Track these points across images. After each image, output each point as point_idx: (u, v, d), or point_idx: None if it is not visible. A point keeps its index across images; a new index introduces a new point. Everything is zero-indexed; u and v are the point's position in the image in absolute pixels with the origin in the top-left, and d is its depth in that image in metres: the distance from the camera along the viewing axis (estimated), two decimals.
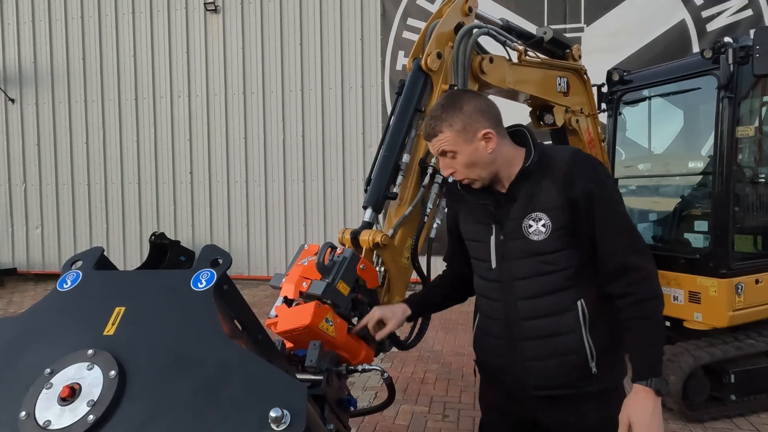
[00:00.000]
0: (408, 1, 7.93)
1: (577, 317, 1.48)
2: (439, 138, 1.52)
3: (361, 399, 3.90)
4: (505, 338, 1.57)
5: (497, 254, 1.56)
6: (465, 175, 1.55)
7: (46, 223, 9.34)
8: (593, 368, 1.49)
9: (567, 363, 1.50)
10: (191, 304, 0.93)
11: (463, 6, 2.44)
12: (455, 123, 1.49)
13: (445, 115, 1.51)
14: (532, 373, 1.53)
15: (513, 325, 1.55)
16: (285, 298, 1.66)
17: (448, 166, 1.55)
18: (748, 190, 3.96)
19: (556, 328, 1.50)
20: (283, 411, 0.76)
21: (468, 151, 1.50)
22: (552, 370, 1.51)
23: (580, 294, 1.49)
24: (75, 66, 9.07)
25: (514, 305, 1.54)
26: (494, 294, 1.59)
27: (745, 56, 3.55)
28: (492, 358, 1.64)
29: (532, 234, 1.49)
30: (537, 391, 1.54)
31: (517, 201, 1.52)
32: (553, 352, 1.50)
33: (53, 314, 0.99)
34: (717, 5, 7.09)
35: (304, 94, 8.36)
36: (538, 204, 1.49)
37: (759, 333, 3.78)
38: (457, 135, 1.50)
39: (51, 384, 0.86)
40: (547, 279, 1.49)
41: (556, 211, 1.47)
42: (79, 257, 1.07)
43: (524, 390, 1.56)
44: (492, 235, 1.57)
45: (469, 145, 1.50)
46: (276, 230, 8.57)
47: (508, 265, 1.54)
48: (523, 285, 1.52)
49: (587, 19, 7.45)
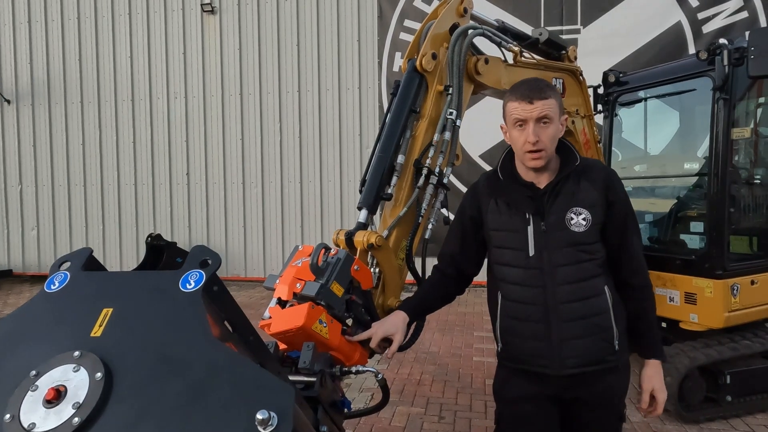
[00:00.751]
0: (405, 3, 7.94)
1: (606, 300, 1.68)
2: (547, 102, 1.64)
3: (357, 400, 3.89)
4: (543, 321, 1.68)
5: (536, 243, 1.68)
6: (545, 147, 1.65)
7: (42, 224, 9.31)
8: (616, 345, 1.69)
9: (600, 340, 1.67)
10: (179, 306, 0.92)
11: (459, 7, 2.44)
12: (557, 97, 1.69)
13: (549, 87, 1.68)
14: (571, 352, 1.66)
15: (553, 308, 1.67)
16: (279, 300, 1.65)
17: (536, 134, 1.64)
18: (743, 192, 3.97)
19: (593, 309, 1.67)
20: (270, 413, 0.75)
21: (557, 126, 1.68)
22: (588, 348, 1.67)
23: (606, 281, 1.70)
24: (71, 67, 9.05)
25: (554, 290, 1.67)
26: (532, 281, 1.70)
27: (740, 58, 3.56)
28: (527, 342, 1.73)
29: (573, 226, 1.66)
30: (574, 369, 1.67)
31: (560, 196, 1.69)
32: (590, 331, 1.67)
33: (40, 316, 0.98)
34: (713, 7, 7.12)
35: (301, 95, 8.36)
36: (579, 200, 1.68)
37: (755, 334, 3.78)
38: (559, 107, 1.68)
39: (36, 386, 0.85)
40: (585, 266, 1.67)
41: (596, 208, 1.67)
42: (67, 258, 1.06)
43: (562, 368, 1.68)
44: (530, 226, 1.69)
45: (558, 120, 1.68)
46: (273, 231, 8.56)
47: (549, 254, 1.67)
48: (564, 271, 1.67)
49: (584, 20, 7.47)
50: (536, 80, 1.73)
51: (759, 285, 3.78)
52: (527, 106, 1.65)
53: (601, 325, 1.67)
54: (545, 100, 1.63)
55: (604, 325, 1.68)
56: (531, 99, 1.64)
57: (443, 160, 2.23)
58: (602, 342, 1.68)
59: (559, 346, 1.67)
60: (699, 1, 7.16)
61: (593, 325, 1.67)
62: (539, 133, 1.64)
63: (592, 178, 1.70)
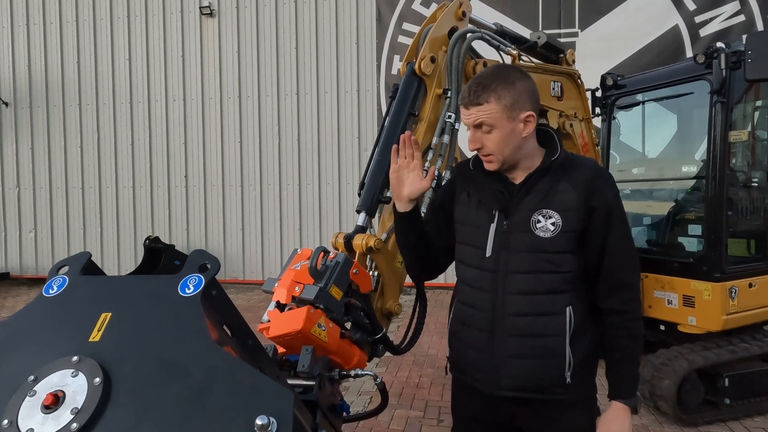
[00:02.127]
0: (404, 6, 7.95)
1: (563, 322, 1.46)
2: (482, 108, 1.44)
3: (356, 404, 3.88)
4: (487, 331, 1.51)
5: (496, 243, 1.50)
6: (491, 152, 1.48)
7: (40, 227, 9.28)
8: (568, 377, 1.46)
9: (545, 366, 1.47)
10: (178, 310, 0.91)
11: (457, 11, 2.45)
12: (504, 96, 1.43)
13: (495, 86, 1.43)
14: (509, 371, 1.48)
15: (498, 318, 1.49)
16: (277, 303, 1.65)
17: (477, 140, 1.48)
18: (741, 195, 3.99)
19: (543, 329, 1.46)
20: (269, 418, 0.75)
21: (506, 130, 1.45)
22: (529, 371, 1.47)
23: (570, 300, 1.47)
24: (69, 69, 9.04)
25: (504, 299, 1.48)
26: (484, 284, 1.53)
27: (737, 61, 3.58)
28: (468, 351, 1.58)
29: (539, 229, 1.46)
30: (509, 391, 1.49)
31: (531, 194, 1.48)
32: (534, 353, 1.47)
33: (38, 320, 0.97)
34: (710, 11, 7.15)
35: (300, 98, 8.36)
36: (553, 202, 1.46)
37: (753, 337, 3.79)
38: (503, 110, 1.43)
39: (35, 391, 0.84)
40: (546, 278, 1.46)
41: (570, 214, 1.44)
42: (65, 262, 1.06)
43: (496, 388, 1.50)
44: (493, 223, 1.52)
45: (509, 123, 1.45)
46: (271, 234, 8.55)
47: (507, 256, 1.49)
48: (519, 279, 1.47)
49: (582, 24, 7.49)
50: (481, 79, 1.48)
51: (757, 288, 3.78)
52: (464, 111, 1.49)
53: (551, 349, 1.46)
54: (479, 107, 1.44)
55: (555, 351, 1.45)
56: (466, 104, 1.48)
57: (442, 163, 2.23)
58: (548, 369, 1.46)
59: (499, 362, 1.49)
60: (696, 5, 7.18)
61: (541, 346, 1.46)
62: (481, 139, 1.48)
63: (574, 179, 1.47)
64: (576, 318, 1.46)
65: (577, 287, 1.49)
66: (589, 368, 1.53)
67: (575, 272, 1.47)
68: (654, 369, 3.55)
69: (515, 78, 1.47)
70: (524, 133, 1.47)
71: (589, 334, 1.50)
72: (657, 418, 3.61)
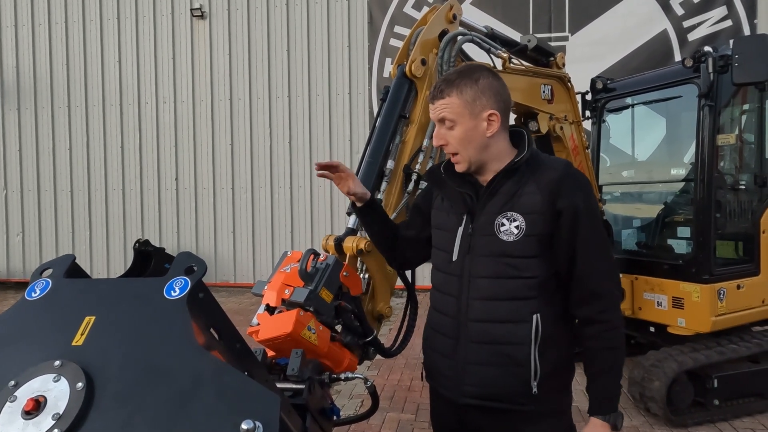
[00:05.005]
0: (395, 9, 7.97)
1: (529, 330, 1.40)
2: (444, 101, 1.44)
3: (347, 407, 3.86)
4: (453, 337, 1.49)
5: (461, 247, 1.48)
6: (455, 150, 1.46)
7: (28, 230, 9.17)
8: (534, 387, 1.40)
9: (509, 374, 1.42)
10: (164, 314, 0.90)
11: (448, 13, 2.45)
12: (466, 92, 1.42)
13: (458, 81, 1.43)
14: (471, 379, 1.45)
15: (463, 324, 1.47)
16: (267, 306, 1.63)
17: (441, 137, 1.47)
18: (729, 197, 4.03)
19: (506, 336, 1.42)
20: (255, 423, 0.74)
21: (468, 126, 1.43)
22: (492, 379, 1.43)
23: (538, 308, 1.41)
24: (58, 71, 8.96)
25: (468, 304, 1.46)
26: (450, 288, 1.51)
27: (724, 65, 3.62)
28: (437, 357, 1.57)
29: (502, 233, 1.42)
30: (471, 399, 1.46)
31: (496, 196, 1.45)
32: (497, 360, 1.42)
33: (20, 324, 0.95)
34: (698, 16, 7.24)
35: (291, 101, 8.35)
36: (517, 205, 1.42)
37: (741, 338, 3.82)
38: (464, 105, 1.42)
39: (15, 397, 0.83)
40: (509, 284, 1.42)
41: (535, 216, 1.40)
42: (48, 265, 1.04)
43: (459, 394, 1.48)
44: (461, 227, 1.50)
45: (471, 119, 1.43)
46: (262, 237, 8.51)
47: (471, 260, 1.46)
48: (481, 284, 1.44)
49: (572, 28, 7.55)
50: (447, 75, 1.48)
51: (745, 289, 3.82)
52: (431, 106, 1.49)
53: (515, 357, 1.40)
54: (442, 100, 1.43)
55: (519, 360, 1.40)
56: (432, 98, 1.46)
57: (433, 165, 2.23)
58: (512, 378, 1.41)
59: (463, 369, 1.46)
60: (684, 10, 7.27)
61: (504, 354, 1.41)
62: (445, 135, 1.46)
63: (541, 180, 1.41)
64: (545, 326, 1.40)
65: (546, 294, 1.42)
66: (560, 379, 1.48)
67: (541, 278, 1.41)
68: (644, 370, 3.57)
69: (480, 76, 1.46)
70: (488, 133, 1.44)
71: (561, 343, 1.45)
72: (647, 420, 3.62)
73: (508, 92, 1.51)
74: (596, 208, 1.47)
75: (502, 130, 1.48)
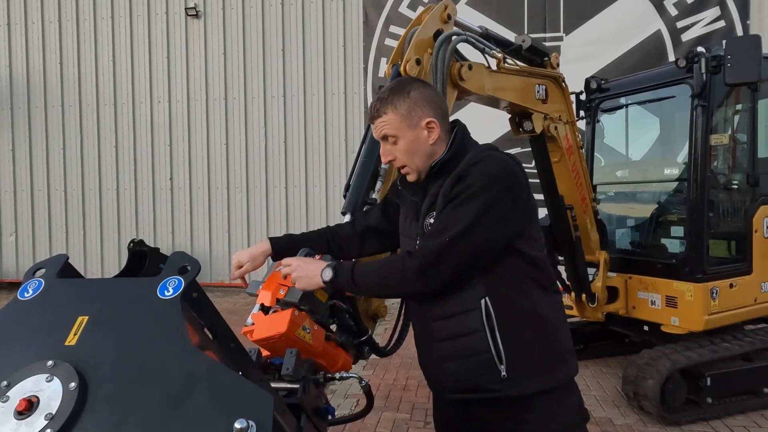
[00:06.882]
0: (390, 9, 7.97)
1: (480, 317, 1.40)
2: (382, 120, 1.50)
3: (342, 407, 3.86)
4: (424, 338, 1.56)
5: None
6: (404, 163, 1.53)
7: (21, 230, 9.10)
8: (502, 371, 1.40)
9: (477, 364, 1.42)
10: (157, 313, 0.90)
11: (442, 13, 2.45)
12: (400, 106, 1.48)
13: (391, 98, 1.49)
14: (446, 375, 1.50)
15: (426, 326, 1.53)
16: (262, 306, 1.63)
17: (387, 153, 1.53)
18: (722, 197, 4.05)
19: (460, 328, 1.44)
20: (248, 422, 0.74)
21: (409, 138, 1.49)
22: (463, 372, 1.46)
23: (485, 292, 1.41)
24: (52, 70, 8.90)
25: (422, 306, 1.53)
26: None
27: (717, 66, 3.64)
28: (421, 359, 1.64)
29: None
30: (452, 393, 1.52)
31: (427, 198, 1.51)
32: (461, 353, 1.45)
33: (13, 324, 0.95)
34: (691, 16, 7.28)
35: (287, 100, 8.33)
36: (435, 202, 1.46)
37: (734, 336, 3.85)
38: (401, 119, 1.48)
39: (8, 397, 0.82)
40: None
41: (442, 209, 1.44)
42: (41, 265, 1.04)
43: (442, 392, 1.55)
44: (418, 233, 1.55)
45: (411, 131, 1.48)
46: (258, 237, 8.48)
47: None
48: None
49: (566, 28, 7.58)
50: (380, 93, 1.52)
51: (737, 288, 3.85)
52: (372, 127, 1.56)
53: (474, 347, 1.42)
54: (380, 118, 1.50)
55: (479, 348, 1.41)
56: (371, 119, 1.54)
57: None
58: (478, 367, 1.42)
59: (438, 367, 1.52)
60: (678, 10, 7.31)
61: (465, 347, 1.43)
62: (391, 151, 1.52)
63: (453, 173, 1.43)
64: (497, 308, 1.40)
65: (489, 275, 1.41)
66: (535, 357, 1.43)
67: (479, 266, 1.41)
68: (638, 369, 3.59)
69: (411, 88, 1.51)
70: (431, 140, 1.49)
71: (525, 320, 1.43)
72: (641, 418, 3.64)
73: (442, 98, 1.59)
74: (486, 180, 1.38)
75: (445, 135, 1.53)
